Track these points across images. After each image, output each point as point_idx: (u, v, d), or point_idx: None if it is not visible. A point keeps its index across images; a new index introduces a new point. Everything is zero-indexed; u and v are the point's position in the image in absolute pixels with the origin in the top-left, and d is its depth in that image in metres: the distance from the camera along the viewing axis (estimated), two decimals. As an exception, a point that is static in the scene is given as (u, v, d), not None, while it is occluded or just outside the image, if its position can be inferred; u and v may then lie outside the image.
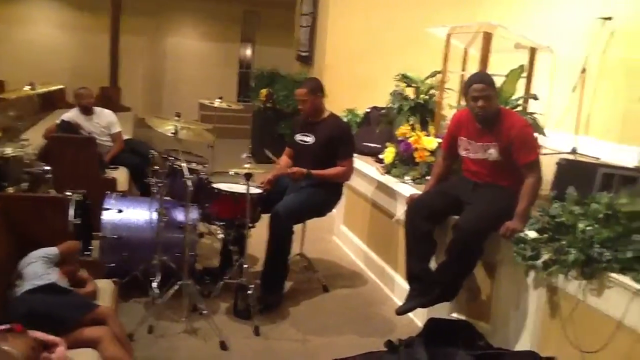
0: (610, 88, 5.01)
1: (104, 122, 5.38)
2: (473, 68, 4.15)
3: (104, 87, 9.40)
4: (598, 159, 4.59)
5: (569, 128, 5.29)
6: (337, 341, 3.44)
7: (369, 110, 5.44)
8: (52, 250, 2.80)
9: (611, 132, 4.95)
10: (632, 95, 4.44)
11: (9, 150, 3.56)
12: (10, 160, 3.55)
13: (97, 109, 5.44)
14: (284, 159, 4.12)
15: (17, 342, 2.13)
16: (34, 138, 4.77)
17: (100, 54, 10.09)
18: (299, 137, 3.98)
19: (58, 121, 5.26)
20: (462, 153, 3.35)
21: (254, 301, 3.47)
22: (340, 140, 3.88)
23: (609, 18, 4.90)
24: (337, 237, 5.27)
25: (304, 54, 8.87)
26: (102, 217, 3.66)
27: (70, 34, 10.96)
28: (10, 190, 3.47)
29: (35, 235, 2.97)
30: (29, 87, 4.26)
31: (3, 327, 2.20)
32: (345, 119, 5.13)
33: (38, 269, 2.67)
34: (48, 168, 3.76)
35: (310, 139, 3.91)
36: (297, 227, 3.86)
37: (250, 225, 3.65)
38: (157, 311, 3.35)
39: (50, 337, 2.26)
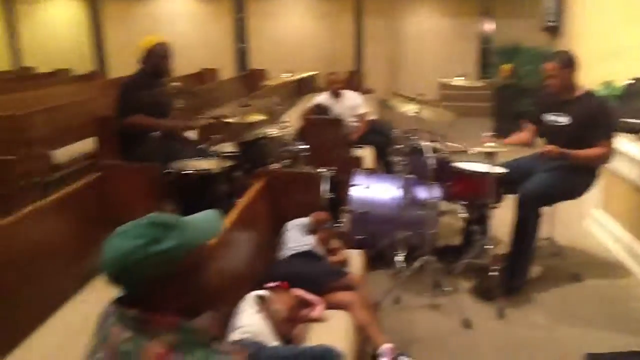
0: None
1: (352, 104, 5.72)
2: None
3: (351, 71, 9.96)
4: None
5: None
6: (587, 334, 3.18)
7: (631, 82, 4.82)
8: (305, 220, 3.11)
9: None
10: None
11: (273, 131, 4.02)
12: (274, 139, 4.01)
13: (346, 92, 5.81)
14: (523, 134, 3.90)
15: (282, 297, 2.42)
16: (292, 120, 5.30)
17: (346, 40, 10.70)
18: (550, 117, 3.69)
19: (312, 104, 5.76)
20: None
21: (497, 283, 3.39)
22: (598, 120, 3.50)
23: None
24: (591, 222, 4.82)
25: (551, 24, 8.21)
26: (350, 192, 3.92)
27: (318, 22, 11.84)
28: (274, 165, 3.92)
29: (293, 206, 3.31)
30: (289, 74, 4.73)
31: (272, 284, 2.52)
32: (601, 93, 4.63)
33: (296, 235, 2.99)
34: (304, 147, 4.14)
35: (564, 120, 3.60)
36: (545, 210, 3.63)
37: (493, 205, 3.56)
38: (402, 284, 3.49)
39: (311, 297, 2.52)
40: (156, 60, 4.11)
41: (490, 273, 3.43)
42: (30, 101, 6.29)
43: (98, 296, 2.65)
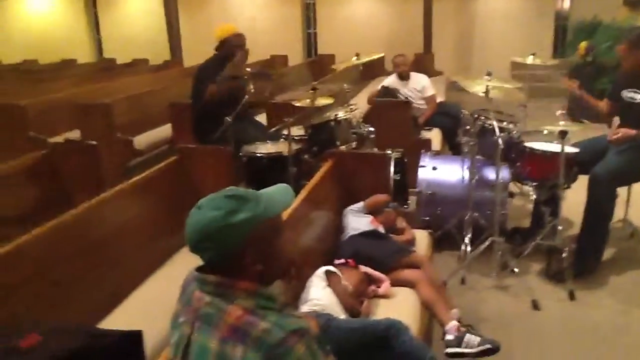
0: None
1: (419, 86, 5.68)
2: None
3: (417, 53, 9.83)
4: None
5: None
6: (664, 319, 3.09)
7: None
8: (358, 205, 3.13)
9: None
10: None
11: (340, 114, 4.09)
12: (341, 122, 4.07)
13: (413, 74, 5.78)
14: (601, 102, 3.82)
15: (350, 274, 2.51)
16: (359, 102, 5.34)
17: (414, 21, 10.56)
18: (626, 94, 3.57)
19: (379, 87, 5.78)
20: None
21: (568, 265, 3.33)
22: None
23: None
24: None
25: (634, -3, 7.82)
26: (418, 174, 3.94)
27: (386, 4, 11.74)
28: (342, 147, 4.00)
29: (360, 186, 3.38)
30: (355, 57, 4.77)
31: (340, 261, 2.62)
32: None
33: (352, 218, 3.04)
34: (372, 129, 4.19)
35: (639, 96, 3.49)
36: (620, 191, 3.52)
37: (565, 186, 3.49)
38: (469, 264, 3.49)
39: (377, 273, 2.60)
40: (233, 50, 4.29)
41: (561, 255, 3.37)
42: (112, 90, 6.66)
43: (178, 269, 2.85)
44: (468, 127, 3.80)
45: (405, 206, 3.92)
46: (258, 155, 3.78)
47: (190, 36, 11.18)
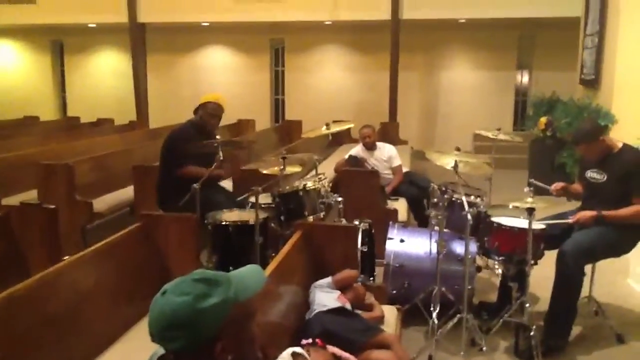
0: None
1: (385, 156, 5.74)
2: None
3: (384, 122, 10.03)
4: None
5: None
6: (636, 400, 3.04)
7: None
8: (326, 280, 3.04)
9: None
10: None
11: (309, 183, 4.06)
12: (310, 192, 4.04)
13: (380, 144, 5.84)
14: (576, 185, 3.91)
15: (318, 355, 2.39)
16: (326, 170, 5.34)
17: (380, 91, 10.85)
18: (589, 174, 3.67)
19: (346, 156, 5.81)
20: None
21: (536, 343, 3.29)
22: (637, 176, 3.46)
23: None
24: (634, 280, 4.66)
25: (588, 77, 8.21)
26: (386, 245, 3.90)
27: (353, 74, 12.06)
28: (310, 217, 3.95)
29: (328, 259, 3.31)
30: (325, 127, 4.81)
31: (307, 341, 2.50)
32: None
33: (319, 294, 2.94)
34: (340, 199, 4.16)
35: (601, 177, 3.58)
36: (586, 268, 3.54)
37: (532, 262, 3.49)
38: (437, 342, 3.41)
39: (346, 355, 2.48)
40: (206, 116, 4.30)
41: (530, 333, 3.33)
42: (75, 150, 6.52)
43: (137, 343, 2.69)
44: (436, 200, 3.81)
45: (372, 279, 3.85)
46: (224, 223, 3.70)
47: (157, 98, 11.20)
